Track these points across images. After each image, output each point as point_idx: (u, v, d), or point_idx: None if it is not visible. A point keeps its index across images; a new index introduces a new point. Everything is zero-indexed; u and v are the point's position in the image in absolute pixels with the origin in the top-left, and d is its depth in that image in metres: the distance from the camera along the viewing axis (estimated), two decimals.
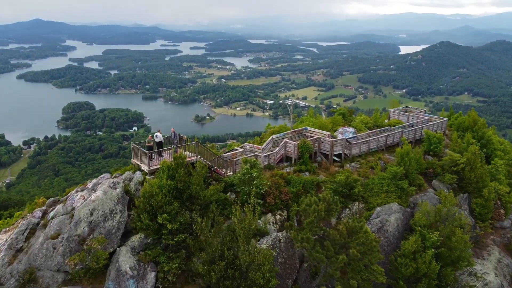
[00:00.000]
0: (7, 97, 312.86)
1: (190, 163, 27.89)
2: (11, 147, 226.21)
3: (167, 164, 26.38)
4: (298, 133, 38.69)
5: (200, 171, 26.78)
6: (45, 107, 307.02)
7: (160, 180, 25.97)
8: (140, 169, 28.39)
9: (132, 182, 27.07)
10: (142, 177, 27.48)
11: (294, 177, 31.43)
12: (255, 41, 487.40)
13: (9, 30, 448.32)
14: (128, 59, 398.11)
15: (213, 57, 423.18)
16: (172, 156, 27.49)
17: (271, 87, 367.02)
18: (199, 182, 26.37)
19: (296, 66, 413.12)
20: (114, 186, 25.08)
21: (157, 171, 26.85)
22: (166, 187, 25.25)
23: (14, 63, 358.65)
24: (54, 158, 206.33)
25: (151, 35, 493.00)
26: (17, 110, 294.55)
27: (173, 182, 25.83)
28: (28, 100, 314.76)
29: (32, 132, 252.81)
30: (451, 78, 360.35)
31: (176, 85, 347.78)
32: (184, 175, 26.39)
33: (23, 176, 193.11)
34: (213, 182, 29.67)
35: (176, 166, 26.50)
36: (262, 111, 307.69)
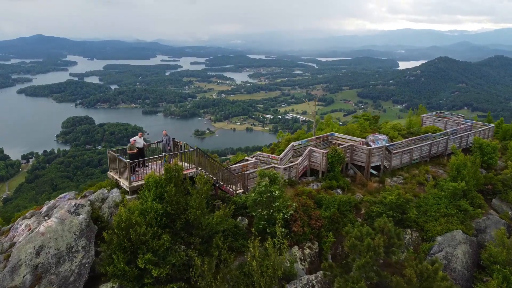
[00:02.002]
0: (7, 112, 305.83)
1: (187, 177, 19.80)
2: (10, 161, 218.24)
3: (154, 178, 18.27)
4: (323, 140, 30.63)
5: (202, 188, 18.67)
6: (45, 122, 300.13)
7: (144, 201, 17.84)
8: (119, 186, 20.19)
9: (105, 204, 18.84)
10: (120, 196, 19.26)
11: (326, 196, 23.24)
12: (255, 56, 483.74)
13: (11, 45, 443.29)
14: (128, 74, 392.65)
15: (213, 72, 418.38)
16: (163, 167, 19.37)
17: (270, 101, 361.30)
18: (200, 204, 18.24)
19: (295, 81, 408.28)
20: (76, 210, 16.86)
21: (141, 189, 18.74)
22: (152, 213, 17.13)
23: (15, 77, 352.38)
24: (53, 172, 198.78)
25: (152, 51, 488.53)
26: (17, 125, 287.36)
27: (162, 205, 17.75)
28: (28, 114, 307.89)
29: (31, 147, 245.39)
30: (450, 93, 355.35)
31: (176, 99, 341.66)
32: (179, 194, 18.31)
33: (20, 190, 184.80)
34: (218, 204, 21.53)
35: (167, 181, 18.41)
36: (262, 126, 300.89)
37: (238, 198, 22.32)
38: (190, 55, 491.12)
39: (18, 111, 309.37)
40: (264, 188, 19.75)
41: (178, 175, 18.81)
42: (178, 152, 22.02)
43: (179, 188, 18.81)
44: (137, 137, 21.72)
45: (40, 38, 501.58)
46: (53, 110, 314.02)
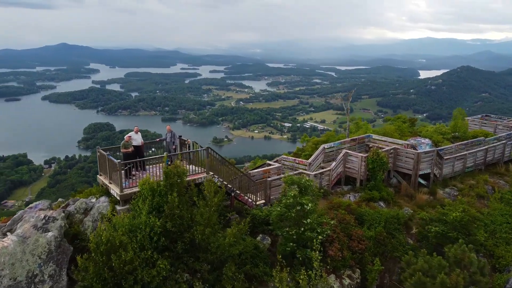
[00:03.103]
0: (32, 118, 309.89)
1: (194, 183, 15.29)
2: (33, 166, 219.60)
3: (151, 185, 13.82)
4: (359, 143, 25.76)
5: (212, 198, 14.15)
6: (67, 128, 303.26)
7: (137, 215, 13.41)
8: (110, 193, 15.79)
9: (89, 216, 14.43)
10: (108, 207, 14.84)
11: (369, 210, 18.39)
12: (274, 65, 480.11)
13: (37, 54, 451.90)
14: (149, 82, 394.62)
15: (232, 80, 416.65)
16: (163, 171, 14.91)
17: (289, 110, 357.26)
18: (209, 219, 13.74)
19: (314, 89, 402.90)
20: (44, 225, 12.51)
21: (135, 197, 14.30)
22: (145, 231, 12.66)
23: (39, 84, 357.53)
24: (74, 177, 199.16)
25: (172, 59, 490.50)
26: (40, 130, 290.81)
27: (160, 220, 13.28)
28: (51, 120, 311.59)
29: (53, 152, 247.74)
30: (473, 102, 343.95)
31: (195, 107, 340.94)
32: (182, 205, 13.86)
33: (42, 195, 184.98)
34: (233, 217, 16.96)
35: (167, 189, 13.95)
36: (280, 134, 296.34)
37: (259, 211, 17.67)
38: (210, 63, 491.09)
39: (42, 117, 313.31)
40: (292, 199, 15.06)
41: (181, 181, 14.33)
42: (185, 152, 17.58)
43: (183, 198, 14.33)
44: (133, 132, 17.35)
45: (64, 46, 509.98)
46: (75, 117, 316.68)
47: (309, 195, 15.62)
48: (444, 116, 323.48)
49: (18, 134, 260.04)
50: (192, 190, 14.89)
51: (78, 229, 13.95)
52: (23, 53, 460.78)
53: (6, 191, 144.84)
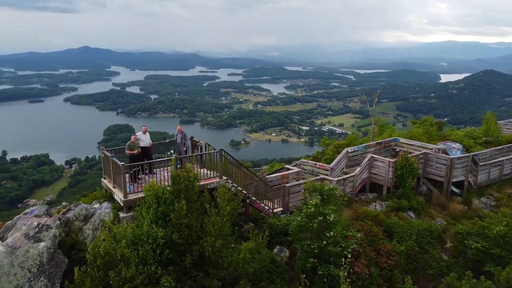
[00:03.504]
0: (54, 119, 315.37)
1: (206, 189, 13.78)
2: (54, 166, 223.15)
3: (156, 191, 12.35)
4: (385, 147, 23.87)
5: (225, 206, 12.63)
6: (88, 129, 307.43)
7: (140, 224, 11.98)
8: (114, 198, 14.44)
9: (89, 224, 13.10)
10: (111, 214, 13.47)
11: (398, 221, 16.54)
12: (292, 68, 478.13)
13: (60, 56, 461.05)
14: (168, 84, 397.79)
15: (250, 84, 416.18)
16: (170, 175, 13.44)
17: (307, 113, 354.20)
18: (221, 230, 12.21)
19: (332, 93, 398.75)
20: (37, 234, 11.19)
21: (140, 204, 12.88)
22: (149, 242, 11.22)
23: (62, 86, 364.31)
24: (93, 178, 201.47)
25: (191, 62, 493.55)
26: (62, 131, 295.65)
27: (166, 230, 11.82)
28: (73, 121, 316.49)
29: (74, 153, 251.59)
30: (496, 107, 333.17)
31: (213, 110, 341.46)
32: (192, 214, 12.37)
33: (63, 194, 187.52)
34: (248, 227, 15.41)
35: (174, 195, 12.48)
36: (298, 137, 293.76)
37: (276, 220, 16.07)
38: (228, 66, 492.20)
39: (64, 118, 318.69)
40: (314, 209, 13.38)
41: (191, 186, 12.82)
42: (197, 154, 16.12)
43: (192, 205, 12.83)
44: (140, 132, 15.99)
45: (86, 49, 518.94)
46: (96, 118, 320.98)
47: (333, 205, 13.92)
48: (466, 121, 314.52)
49: (41, 135, 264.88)
50: (205, 196, 13.41)
51: (77, 238, 12.60)
52: (47, 56, 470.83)
53: (28, 190, 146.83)
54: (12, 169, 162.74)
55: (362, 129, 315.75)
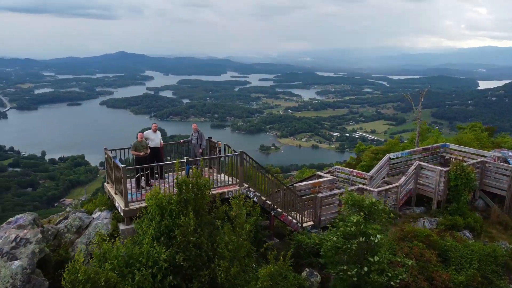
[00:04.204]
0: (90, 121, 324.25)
1: (220, 198, 11.44)
2: (89, 167, 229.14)
3: (159, 200, 10.10)
4: (432, 154, 20.78)
5: (241, 222, 10.23)
6: (122, 132, 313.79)
7: (138, 241, 9.76)
8: (115, 206, 12.34)
9: (83, 237, 11.01)
10: (109, 225, 11.33)
11: (455, 244, 13.57)
12: (323, 73, 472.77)
13: (97, 61, 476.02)
14: (200, 89, 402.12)
15: (281, 89, 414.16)
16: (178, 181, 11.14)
17: (338, 119, 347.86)
18: (237, 251, 9.82)
19: (365, 99, 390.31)
20: (13, 250, 9.16)
21: (141, 215, 10.68)
22: (145, 267, 8.95)
23: (98, 90, 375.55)
24: None
25: (223, 67, 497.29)
26: (98, 133, 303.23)
27: (169, 249, 9.55)
28: (108, 124, 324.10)
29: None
30: None
31: (244, 114, 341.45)
32: (202, 229, 10.04)
33: (96, 195, 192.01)
34: (272, 242, 12.89)
35: (181, 206, 10.19)
36: (328, 143, 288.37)
37: (306, 237, 13.49)
38: (259, 71, 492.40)
39: (100, 121, 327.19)
40: (354, 228, 10.74)
41: (201, 195, 10.49)
42: (212, 157, 13.82)
43: (204, 218, 10.50)
44: (149, 131, 13.85)
45: (123, 54, 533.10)
46: (130, 121, 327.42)
47: (377, 223, 11.23)
48: (505, 129, 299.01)
49: (78, 136, 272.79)
50: (218, 208, 11.06)
51: (66, 254, 10.50)
52: (85, 61, 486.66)
53: (64, 190, 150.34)
54: (50, 169, 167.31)
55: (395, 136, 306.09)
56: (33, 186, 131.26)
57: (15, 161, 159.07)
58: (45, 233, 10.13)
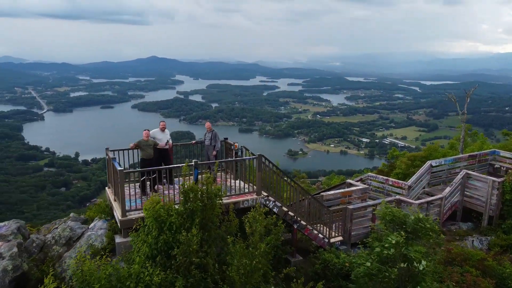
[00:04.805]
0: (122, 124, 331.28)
1: (234, 208, 9.68)
2: None
3: (157, 211, 8.43)
4: (480, 161, 18.29)
5: (255, 240, 8.41)
6: None
7: (130, 259, 8.12)
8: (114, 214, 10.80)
9: (73, 250, 9.50)
10: (103, 237, 9.77)
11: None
12: (353, 78, 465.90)
13: (130, 65, 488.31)
14: (228, 94, 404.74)
15: (310, 94, 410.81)
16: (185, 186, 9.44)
17: (367, 125, 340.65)
18: (249, 277, 8.00)
19: (395, 104, 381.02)
20: None
21: (137, 227, 9.04)
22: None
23: (130, 94, 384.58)
24: None
25: (252, 72, 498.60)
26: (129, 136, 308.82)
27: (165, 271, 7.84)
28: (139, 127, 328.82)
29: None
30: None
31: (272, 119, 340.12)
32: (209, 247, 8.29)
33: None
34: (295, 259, 11.01)
35: (185, 218, 8.49)
36: (357, 149, 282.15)
37: (334, 256, 11.52)
38: (288, 76, 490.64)
39: (131, 124, 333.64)
40: (393, 251, 8.71)
41: (211, 205, 8.76)
42: (226, 161, 12.09)
43: (212, 234, 8.76)
44: (157, 130, 12.31)
45: (154, 59, 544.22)
46: None
47: (422, 245, 9.15)
48: None
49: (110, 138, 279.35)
50: (231, 221, 9.30)
51: (53, 271, 8.97)
52: (119, 65, 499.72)
53: (96, 191, 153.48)
54: (83, 169, 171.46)
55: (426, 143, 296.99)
56: (66, 186, 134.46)
57: (50, 161, 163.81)
58: (28, 245, 8.66)
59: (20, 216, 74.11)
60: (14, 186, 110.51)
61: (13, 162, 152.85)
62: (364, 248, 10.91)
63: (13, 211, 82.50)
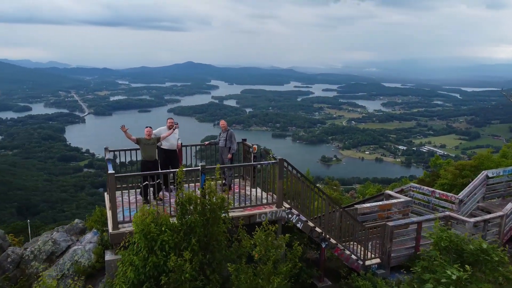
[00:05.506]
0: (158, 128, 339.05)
1: (249, 222, 7.85)
2: None
3: (146, 227, 6.75)
4: None
5: (267, 271, 6.51)
6: (187, 139, 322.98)
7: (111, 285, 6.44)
8: None
9: (54, 268, 7.99)
10: (91, 253, 8.21)
11: None
12: (390, 84, 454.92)
13: (167, 70, 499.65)
14: (262, 99, 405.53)
15: (345, 100, 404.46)
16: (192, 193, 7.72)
17: (404, 132, 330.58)
18: None
19: (434, 111, 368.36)
20: None
21: (126, 244, 7.40)
22: None
23: (167, 98, 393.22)
24: None
25: (286, 77, 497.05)
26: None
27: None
28: None
29: None
30: None
31: (306, 125, 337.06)
32: (212, 272, 6.51)
33: None
34: (322, 285, 9.03)
35: (182, 236, 6.76)
36: (393, 157, 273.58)
37: (370, 285, 9.44)
38: (323, 82, 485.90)
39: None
40: None
41: (214, 220, 6.99)
42: (242, 165, 10.29)
43: (216, 255, 6.98)
44: (163, 128, 10.69)
45: (190, 64, 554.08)
46: (194, 129, 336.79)
47: (487, 281, 6.96)
48: None
49: None
50: (243, 238, 7.48)
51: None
52: (156, 70, 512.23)
53: None
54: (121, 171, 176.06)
55: (467, 152, 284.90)
56: (104, 186, 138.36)
57: (90, 162, 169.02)
58: (2, 260, 7.23)
59: (60, 214, 75.78)
60: (55, 185, 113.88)
61: (55, 163, 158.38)
62: (406, 273, 8.90)
63: (54, 209, 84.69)
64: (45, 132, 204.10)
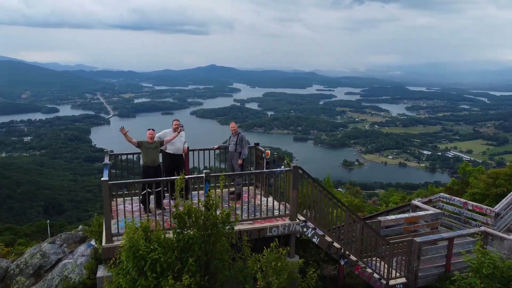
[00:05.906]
0: None
1: (259, 236, 6.89)
2: None
3: (136, 242, 5.90)
4: None
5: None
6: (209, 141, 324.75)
7: None
8: None
9: (41, 283, 7.25)
10: (82, 268, 7.43)
11: None
12: (415, 88, 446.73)
13: (190, 73, 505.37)
14: (284, 102, 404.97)
15: (368, 103, 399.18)
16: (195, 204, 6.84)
17: (429, 137, 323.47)
18: None
19: (461, 116, 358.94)
20: None
21: (117, 261, 6.57)
22: None
23: (190, 101, 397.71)
24: None
25: (308, 80, 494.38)
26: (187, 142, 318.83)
27: None
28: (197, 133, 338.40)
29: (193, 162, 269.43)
30: None
31: (328, 128, 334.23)
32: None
33: None
34: None
35: (177, 255, 5.86)
36: (417, 162, 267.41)
37: None
38: (345, 85, 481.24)
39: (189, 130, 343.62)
40: None
41: (216, 237, 6.07)
42: (252, 173, 9.36)
43: (220, 276, 6.05)
44: (168, 130, 9.87)
45: (213, 67, 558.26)
46: (216, 131, 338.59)
47: None
48: None
49: None
50: (248, 258, 6.55)
51: None
52: (179, 73, 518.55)
53: None
54: None
55: (495, 158, 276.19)
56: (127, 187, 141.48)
57: (114, 164, 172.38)
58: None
59: (84, 214, 76.90)
60: (80, 186, 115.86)
61: (81, 163, 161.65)
62: None
63: (78, 209, 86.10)
64: (71, 133, 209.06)
